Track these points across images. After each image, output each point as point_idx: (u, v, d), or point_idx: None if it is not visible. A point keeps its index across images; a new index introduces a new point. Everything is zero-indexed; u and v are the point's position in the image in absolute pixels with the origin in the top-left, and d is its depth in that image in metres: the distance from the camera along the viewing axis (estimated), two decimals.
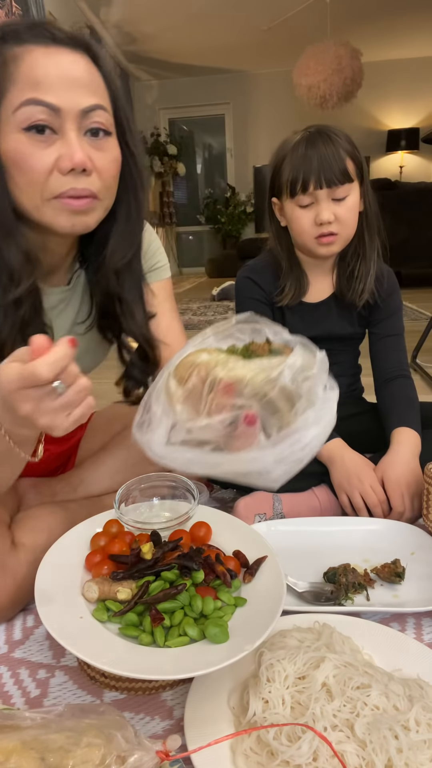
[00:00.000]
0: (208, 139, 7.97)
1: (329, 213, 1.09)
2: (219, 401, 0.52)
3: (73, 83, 0.72)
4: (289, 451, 0.53)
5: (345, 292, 1.21)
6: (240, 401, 0.52)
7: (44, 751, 0.51)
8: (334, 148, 1.08)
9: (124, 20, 5.45)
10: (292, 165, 1.10)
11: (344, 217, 1.11)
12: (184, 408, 0.54)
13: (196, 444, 0.55)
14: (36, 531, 0.91)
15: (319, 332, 1.23)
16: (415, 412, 1.18)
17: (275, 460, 0.54)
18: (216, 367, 0.54)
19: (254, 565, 0.78)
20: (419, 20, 5.64)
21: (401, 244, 4.76)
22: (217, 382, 0.52)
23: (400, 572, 0.91)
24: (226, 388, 0.52)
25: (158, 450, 0.57)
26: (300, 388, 0.54)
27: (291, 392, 0.53)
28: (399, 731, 0.56)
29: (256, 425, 0.53)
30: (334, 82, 5.06)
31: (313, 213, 1.10)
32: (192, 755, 0.58)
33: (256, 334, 0.61)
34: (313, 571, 0.94)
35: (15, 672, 0.77)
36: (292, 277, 1.20)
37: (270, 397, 0.52)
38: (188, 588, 0.72)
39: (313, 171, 1.07)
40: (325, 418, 0.55)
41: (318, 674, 0.62)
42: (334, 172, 1.07)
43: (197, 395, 0.54)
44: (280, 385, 0.52)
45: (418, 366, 2.40)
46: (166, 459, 0.58)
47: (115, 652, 0.64)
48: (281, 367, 0.53)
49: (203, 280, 7.06)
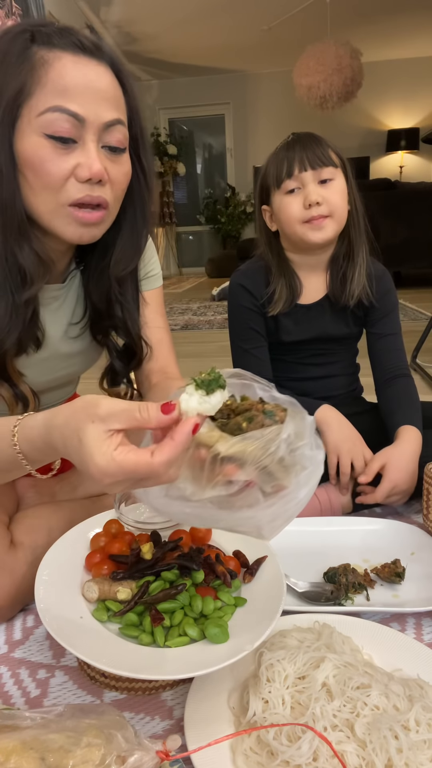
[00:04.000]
0: (208, 139, 7.97)
1: (317, 194, 1.10)
2: (223, 476, 0.54)
3: (97, 95, 0.73)
4: (283, 510, 0.57)
5: (338, 295, 1.21)
6: (242, 476, 0.54)
7: (44, 751, 0.51)
8: (316, 140, 1.13)
9: (124, 20, 5.45)
10: (276, 160, 1.13)
11: (333, 199, 1.12)
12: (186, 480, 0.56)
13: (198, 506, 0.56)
14: (35, 530, 0.91)
15: (313, 334, 1.23)
16: (417, 412, 1.19)
17: (270, 518, 0.57)
18: (217, 443, 0.54)
19: (254, 565, 0.78)
20: (419, 20, 5.64)
21: (401, 244, 4.76)
22: (218, 460, 0.54)
23: (400, 572, 0.91)
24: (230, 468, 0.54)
25: (156, 503, 0.59)
26: (294, 456, 0.56)
27: (286, 462, 0.56)
28: (399, 731, 0.56)
29: (254, 487, 0.56)
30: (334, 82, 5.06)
31: (301, 197, 1.12)
32: (192, 755, 0.58)
33: (246, 389, 0.61)
34: (313, 571, 0.94)
35: (15, 672, 0.77)
36: (283, 281, 1.20)
37: (268, 467, 0.55)
38: (188, 588, 0.72)
39: (296, 156, 1.11)
40: (315, 477, 0.58)
41: (318, 674, 0.62)
42: (317, 155, 1.10)
43: (197, 466, 0.55)
44: (277, 458, 0.55)
45: (418, 366, 2.40)
46: (163, 512, 0.60)
47: (115, 652, 0.64)
48: (278, 441, 0.55)
49: (203, 280, 7.06)
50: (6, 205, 0.75)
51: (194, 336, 3.56)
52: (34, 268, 0.78)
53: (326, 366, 1.28)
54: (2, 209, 0.75)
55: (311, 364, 1.26)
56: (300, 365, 1.27)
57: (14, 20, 3.07)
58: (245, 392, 0.61)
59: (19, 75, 0.71)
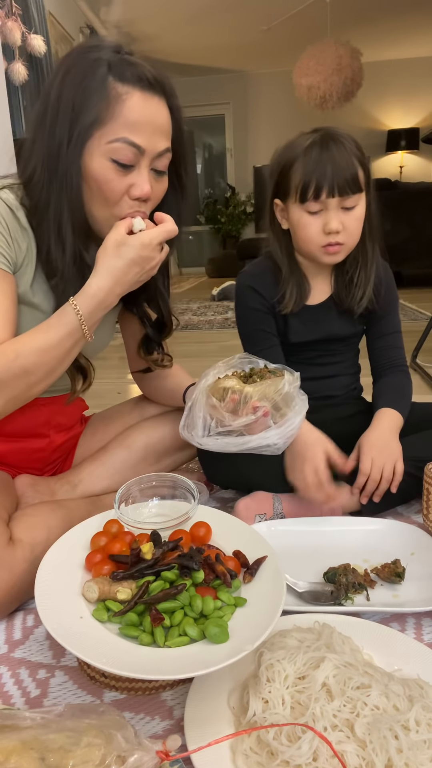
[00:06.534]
0: (208, 139, 7.97)
1: (337, 222, 1.07)
2: (250, 408, 0.91)
3: (156, 128, 0.87)
4: (287, 430, 0.93)
5: (343, 298, 1.20)
6: (263, 404, 0.91)
7: (44, 751, 0.51)
8: (347, 155, 1.06)
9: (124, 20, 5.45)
10: (304, 169, 1.06)
11: (351, 227, 1.09)
12: (227, 414, 0.92)
13: (226, 434, 0.92)
14: (34, 528, 0.91)
15: (321, 335, 1.23)
16: (402, 399, 1.19)
17: (279, 437, 0.92)
18: (245, 388, 0.91)
19: (254, 565, 0.78)
20: (419, 20, 5.64)
21: (401, 244, 4.75)
22: (249, 396, 0.91)
23: (400, 572, 0.91)
24: (254, 402, 0.91)
25: (200, 440, 0.94)
26: (293, 394, 0.94)
27: (287, 397, 0.93)
28: (399, 731, 0.56)
29: (269, 417, 0.91)
30: (334, 82, 5.06)
31: (321, 221, 1.08)
32: (192, 755, 0.58)
33: (254, 364, 1.00)
34: (313, 571, 0.94)
35: (15, 672, 0.77)
36: (293, 282, 1.18)
37: (277, 401, 0.92)
38: (188, 588, 0.72)
39: (326, 178, 1.05)
40: (304, 410, 0.95)
41: (318, 674, 0.62)
42: (347, 181, 1.05)
43: (233, 406, 0.91)
44: (283, 393, 0.92)
45: (418, 366, 2.40)
46: (206, 445, 0.93)
47: (115, 652, 0.64)
48: (283, 382, 0.93)
49: (203, 280, 7.06)
50: (74, 211, 0.88)
51: (194, 336, 3.56)
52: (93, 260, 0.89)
53: (330, 366, 1.27)
54: (71, 214, 0.88)
55: (315, 364, 1.26)
56: (304, 365, 1.25)
57: (14, 20, 3.06)
58: (252, 366, 0.99)
59: (98, 105, 0.83)
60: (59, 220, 0.88)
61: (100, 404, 1.39)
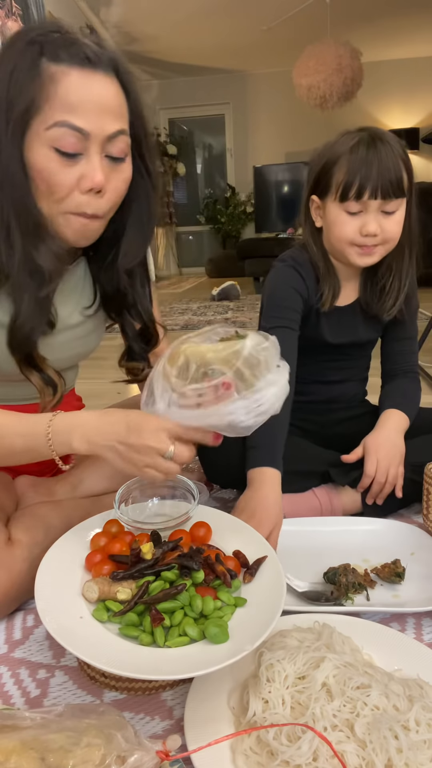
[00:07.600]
0: (208, 139, 7.96)
1: (376, 225, 1.03)
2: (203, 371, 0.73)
3: (102, 108, 0.77)
4: (256, 405, 0.72)
5: (371, 304, 1.16)
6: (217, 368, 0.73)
7: (44, 751, 0.51)
8: (394, 158, 1.03)
9: (124, 20, 5.44)
10: (349, 167, 1.02)
11: (390, 231, 1.05)
12: (178, 379, 0.75)
13: (188, 407, 0.74)
14: (33, 528, 0.91)
15: (347, 339, 1.19)
16: (410, 403, 1.18)
17: (246, 412, 0.72)
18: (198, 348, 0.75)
19: (254, 565, 0.78)
20: (419, 20, 5.64)
21: None
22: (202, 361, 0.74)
23: (400, 572, 0.91)
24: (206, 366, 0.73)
25: (161, 413, 0.76)
26: (259, 356, 0.73)
27: (252, 361, 0.73)
28: (399, 731, 0.56)
29: (232, 389, 0.73)
30: (334, 82, 5.05)
31: (360, 222, 1.04)
32: (192, 755, 0.58)
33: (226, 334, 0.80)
34: (313, 571, 0.94)
35: (15, 672, 0.77)
36: (329, 281, 1.14)
37: (237, 366, 0.72)
38: (188, 588, 0.72)
39: (371, 179, 1.01)
40: (281, 382, 0.74)
41: (318, 674, 0.62)
42: (391, 184, 1.02)
43: (186, 370, 0.75)
44: (243, 356, 0.72)
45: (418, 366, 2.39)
46: (166, 417, 0.76)
47: (115, 652, 0.64)
48: (242, 343, 0.74)
49: (203, 280, 7.05)
50: (20, 210, 0.79)
51: None
52: (51, 266, 0.83)
53: (343, 371, 1.25)
54: (17, 214, 0.79)
55: (329, 368, 1.23)
56: (317, 367, 1.21)
57: (14, 20, 3.06)
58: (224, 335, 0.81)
59: (30, 90, 0.74)
60: (7, 223, 0.79)
61: (100, 404, 1.39)
